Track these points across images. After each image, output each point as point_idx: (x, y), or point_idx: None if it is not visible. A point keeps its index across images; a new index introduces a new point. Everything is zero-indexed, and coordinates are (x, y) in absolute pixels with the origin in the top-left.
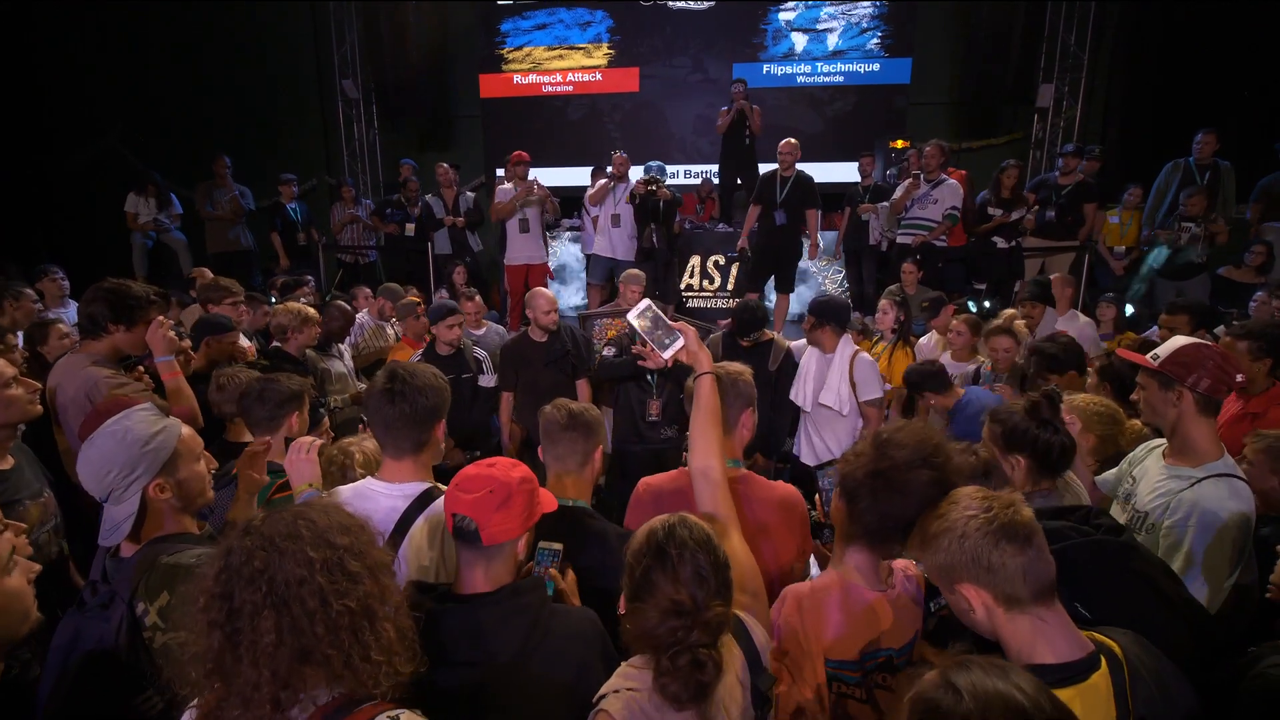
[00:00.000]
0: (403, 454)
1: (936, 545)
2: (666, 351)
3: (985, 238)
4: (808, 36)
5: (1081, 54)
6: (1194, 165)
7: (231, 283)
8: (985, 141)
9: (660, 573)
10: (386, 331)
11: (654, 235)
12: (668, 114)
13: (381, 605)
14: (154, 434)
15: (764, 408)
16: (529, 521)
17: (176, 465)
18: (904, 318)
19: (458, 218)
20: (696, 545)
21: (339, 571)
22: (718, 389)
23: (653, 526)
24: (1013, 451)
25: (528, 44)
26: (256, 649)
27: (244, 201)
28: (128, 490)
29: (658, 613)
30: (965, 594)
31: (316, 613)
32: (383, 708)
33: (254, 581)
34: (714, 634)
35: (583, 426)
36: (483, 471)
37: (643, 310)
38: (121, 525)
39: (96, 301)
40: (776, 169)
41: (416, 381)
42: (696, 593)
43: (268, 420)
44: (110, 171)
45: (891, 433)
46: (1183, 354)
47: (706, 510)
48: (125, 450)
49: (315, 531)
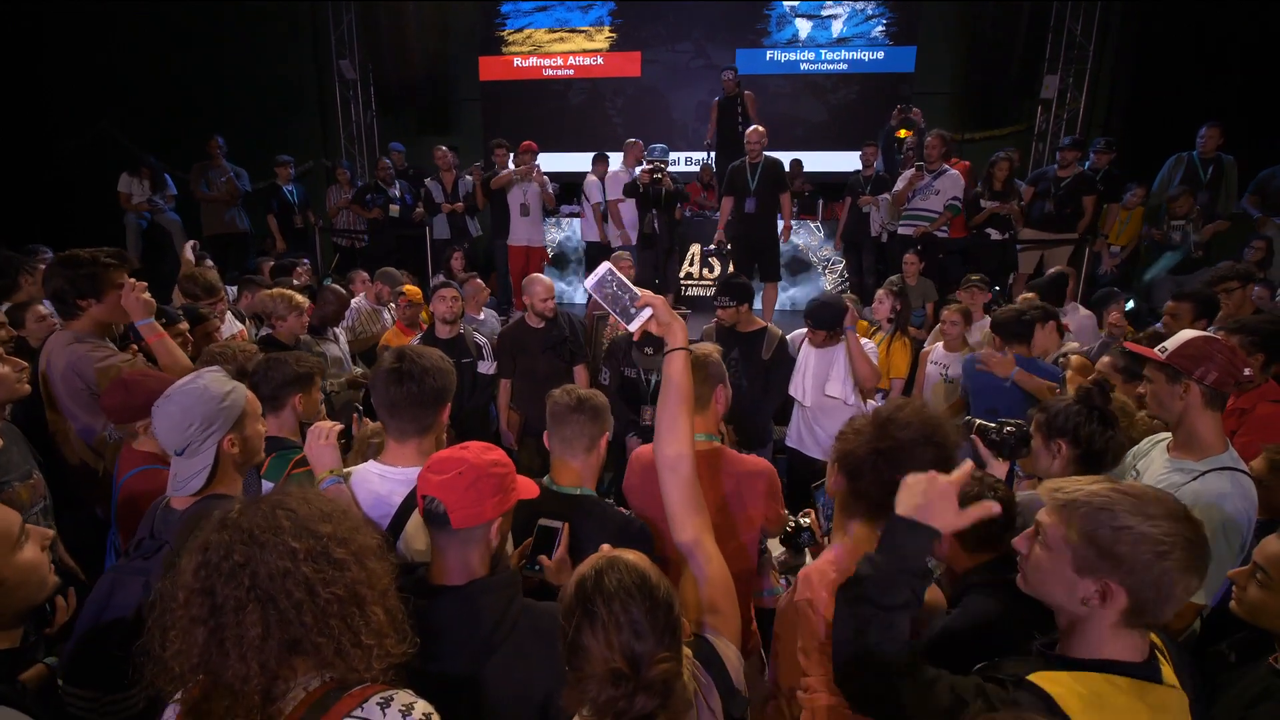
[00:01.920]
0: (406, 437)
1: (1126, 541)
2: (633, 323)
3: (979, 229)
4: (812, 23)
5: (1087, 45)
6: (1197, 159)
7: (211, 282)
8: (989, 132)
9: (590, 634)
10: (382, 316)
11: (655, 222)
12: (670, 99)
13: (370, 590)
14: (228, 392)
15: (755, 396)
16: (502, 506)
17: (244, 423)
18: (900, 307)
19: (456, 203)
20: (629, 593)
21: (324, 560)
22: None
23: (581, 575)
24: (1055, 437)
25: (528, 26)
26: (243, 643)
27: (240, 183)
28: (205, 443)
29: (595, 682)
30: (1103, 587)
31: (304, 603)
32: (375, 689)
33: (234, 576)
34: (662, 694)
35: (590, 410)
36: (454, 454)
37: (602, 277)
38: (195, 477)
39: (54, 279)
40: (744, 159)
41: (424, 363)
42: (635, 649)
43: (270, 400)
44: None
45: (892, 412)
46: (1191, 347)
47: (674, 509)
48: (204, 405)
49: (296, 521)
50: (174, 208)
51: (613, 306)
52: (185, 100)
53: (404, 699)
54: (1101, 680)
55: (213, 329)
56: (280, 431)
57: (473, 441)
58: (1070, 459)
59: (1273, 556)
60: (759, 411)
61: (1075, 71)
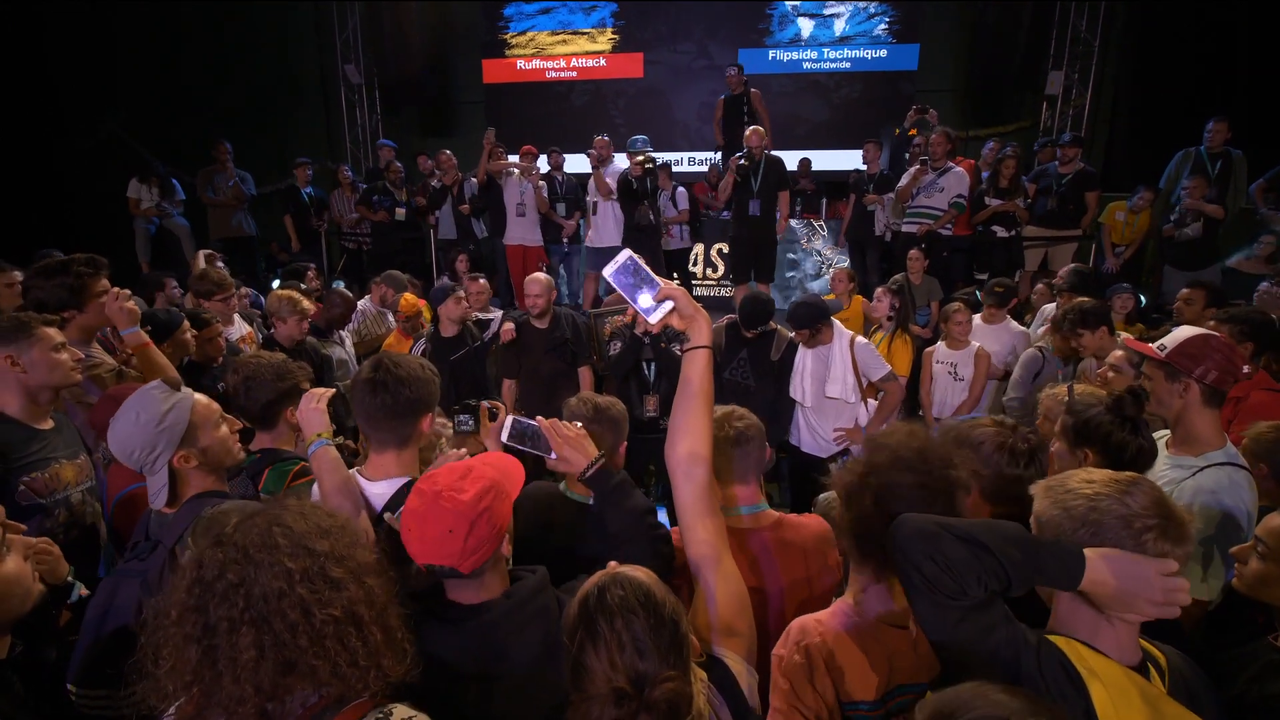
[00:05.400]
0: (385, 447)
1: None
2: (654, 315)
3: (985, 226)
4: (814, 22)
5: (1092, 41)
6: (1205, 154)
7: (223, 277)
8: (992, 130)
9: (592, 653)
10: (388, 319)
11: (650, 213)
12: (672, 100)
13: (369, 609)
14: (166, 412)
15: (768, 397)
16: (503, 528)
17: (196, 435)
18: (900, 305)
19: (462, 204)
20: (632, 610)
21: (321, 580)
22: (734, 439)
23: (585, 592)
24: (1082, 445)
25: (531, 29)
26: (237, 665)
27: (245, 187)
28: (155, 465)
29: (597, 704)
30: None
31: (299, 625)
32: (371, 704)
33: (229, 597)
34: (667, 715)
35: (609, 421)
36: (430, 507)
37: (622, 265)
38: (159, 495)
39: (34, 290)
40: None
41: (400, 372)
42: (639, 669)
43: (258, 420)
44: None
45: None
46: (1190, 345)
47: (686, 519)
48: (141, 431)
49: (292, 539)
50: (182, 212)
51: (632, 296)
52: (190, 102)
53: (402, 713)
54: None
55: (214, 334)
56: (275, 443)
57: (438, 472)
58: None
59: (1274, 530)
60: (771, 412)
61: (1080, 67)
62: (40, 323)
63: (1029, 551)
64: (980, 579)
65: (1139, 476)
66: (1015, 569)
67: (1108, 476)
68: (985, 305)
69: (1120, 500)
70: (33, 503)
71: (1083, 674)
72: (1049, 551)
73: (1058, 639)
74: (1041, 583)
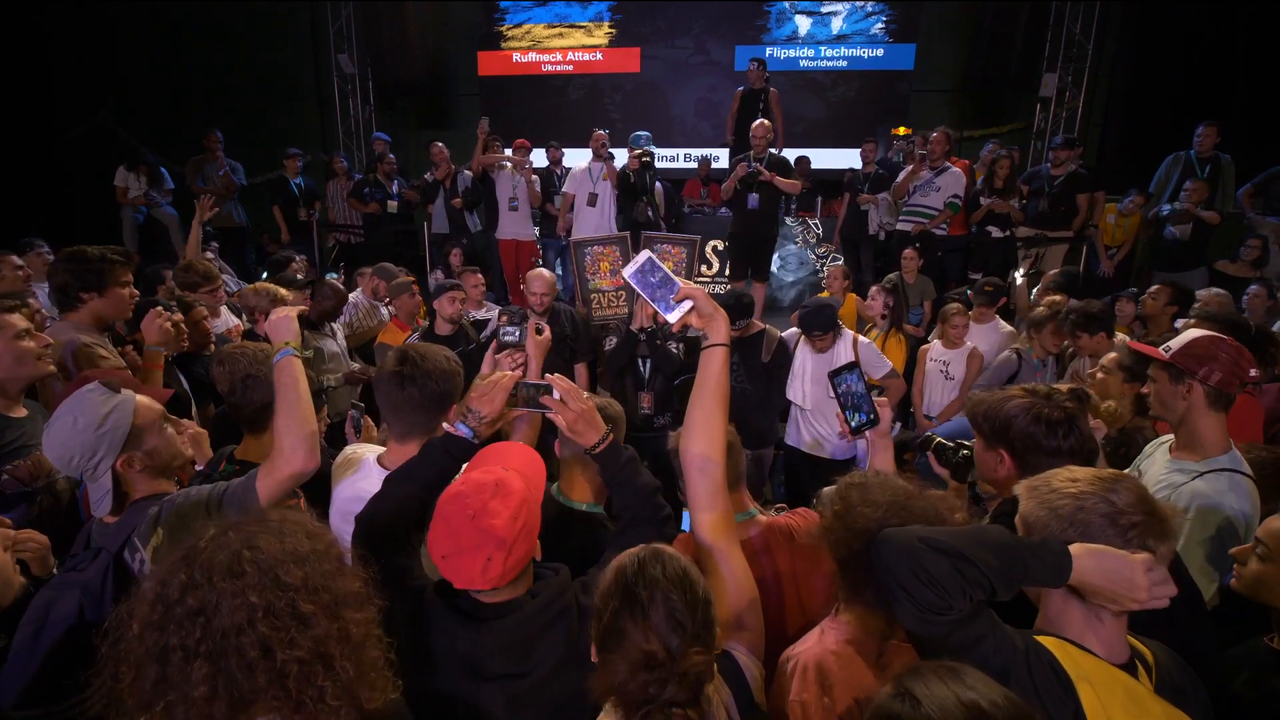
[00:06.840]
0: (409, 438)
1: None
2: (673, 313)
3: (979, 227)
4: (811, 20)
5: (1086, 44)
6: (1194, 158)
7: (209, 269)
8: (987, 130)
9: (629, 619)
10: (380, 312)
11: (648, 209)
12: (669, 96)
13: (341, 645)
14: (105, 415)
15: (759, 397)
16: (536, 536)
17: (141, 438)
18: (893, 304)
19: (455, 198)
20: (670, 583)
21: (287, 616)
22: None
23: (622, 563)
24: (996, 445)
25: (527, 21)
26: (189, 701)
27: (235, 177)
28: (96, 471)
29: (627, 665)
30: None
31: (257, 664)
32: None
33: (185, 625)
34: (692, 689)
35: (607, 420)
36: (464, 528)
37: (642, 266)
38: (104, 500)
39: (59, 273)
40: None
41: (427, 365)
42: (671, 640)
43: (250, 423)
44: (101, 146)
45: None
46: (1195, 346)
47: (701, 514)
48: (79, 437)
49: (261, 568)
50: (170, 201)
51: (652, 296)
52: (184, 93)
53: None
54: None
55: (199, 316)
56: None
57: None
58: (1015, 467)
59: (1274, 532)
60: (764, 413)
61: (1074, 70)
62: (2, 309)
63: (1014, 556)
64: (965, 591)
65: (1122, 474)
66: (998, 576)
67: (1091, 475)
68: (975, 305)
69: (1105, 498)
70: (18, 491)
71: (1072, 676)
72: (1035, 552)
73: (1047, 640)
74: (1029, 584)
